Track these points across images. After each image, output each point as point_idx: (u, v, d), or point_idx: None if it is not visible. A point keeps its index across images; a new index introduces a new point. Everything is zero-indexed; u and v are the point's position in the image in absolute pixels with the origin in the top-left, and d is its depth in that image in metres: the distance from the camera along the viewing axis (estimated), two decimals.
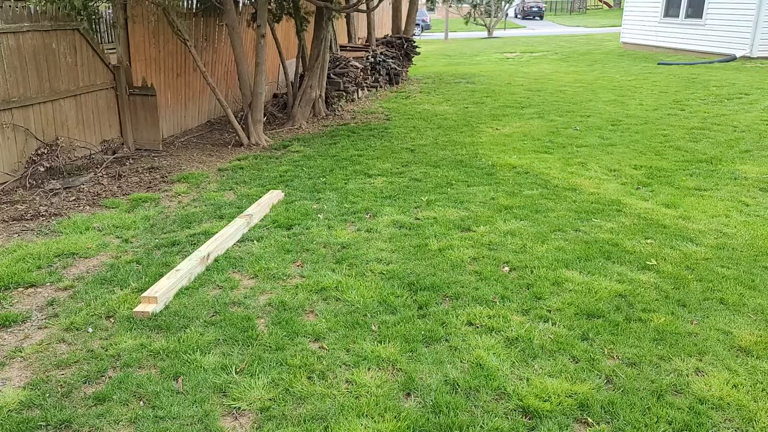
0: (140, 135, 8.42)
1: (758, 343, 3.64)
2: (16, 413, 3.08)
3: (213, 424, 2.99)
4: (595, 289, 4.27)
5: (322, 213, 5.93)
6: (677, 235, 5.27)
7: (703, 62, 17.37)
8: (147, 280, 4.45)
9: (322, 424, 2.97)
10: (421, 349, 3.57)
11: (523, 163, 7.60)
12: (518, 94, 13.17)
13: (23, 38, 6.69)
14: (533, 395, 3.15)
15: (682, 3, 19.33)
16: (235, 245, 5.15)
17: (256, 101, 8.90)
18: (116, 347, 3.63)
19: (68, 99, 7.40)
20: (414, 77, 16.44)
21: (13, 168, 6.73)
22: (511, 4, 35.48)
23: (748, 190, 6.50)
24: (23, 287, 4.44)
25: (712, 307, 4.07)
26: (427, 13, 38.25)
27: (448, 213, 5.85)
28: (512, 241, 5.14)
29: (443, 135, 9.35)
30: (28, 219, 5.77)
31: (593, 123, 9.98)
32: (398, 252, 4.97)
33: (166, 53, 8.91)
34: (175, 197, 6.56)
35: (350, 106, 11.90)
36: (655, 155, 7.94)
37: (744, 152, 7.98)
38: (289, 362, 3.46)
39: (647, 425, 2.96)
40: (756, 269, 4.63)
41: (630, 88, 13.58)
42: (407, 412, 3.04)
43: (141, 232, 5.52)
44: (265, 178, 7.20)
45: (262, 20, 8.73)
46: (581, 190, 6.55)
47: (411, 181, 6.97)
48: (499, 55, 22.51)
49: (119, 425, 3.00)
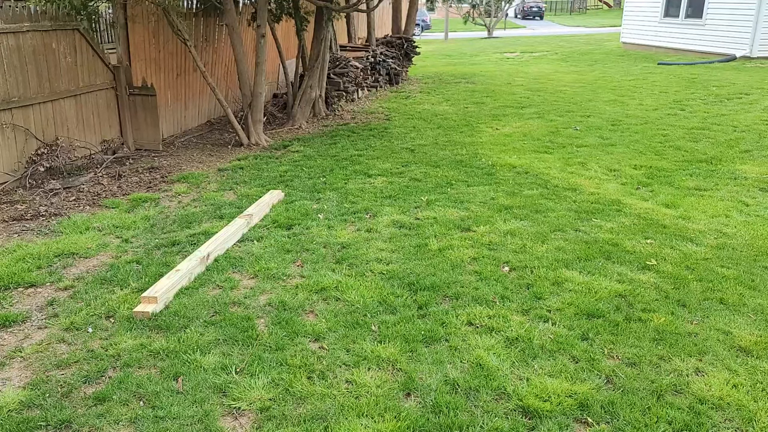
0: (140, 135, 8.42)
1: (758, 343, 3.64)
2: (16, 413, 3.08)
3: (213, 424, 2.99)
4: (595, 289, 4.27)
5: (322, 213, 5.93)
6: (677, 235, 5.27)
7: (703, 62, 17.37)
8: (147, 280, 4.45)
9: (322, 424, 2.97)
10: (421, 349, 3.57)
11: (523, 163, 7.60)
12: (518, 94, 13.17)
13: (23, 38, 6.69)
14: (533, 395, 3.15)
15: (682, 3, 19.33)
16: (235, 245, 5.15)
17: (256, 101, 8.90)
18: (116, 347, 3.64)
19: (68, 99, 7.40)
20: (414, 77, 16.44)
21: (13, 168, 6.73)
22: (511, 4, 35.48)
23: (748, 190, 6.50)
24: (23, 287, 4.44)
25: (712, 307, 4.07)
26: (427, 13, 38.23)
27: (448, 213, 5.85)
28: (512, 241, 5.14)
29: (443, 135, 9.35)
30: (28, 219, 5.77)
31: (593, 123, 9.98)
32: (398, 252, 4.97)
33: (166, 53, 8.91)
34: (175, 197, 6.56)
35: (350, 106, 11.90)
36: (655, 155, 7.94)
37: (744, 152, 7.98)
38: (289, 362, 3.46)
39: (647, 425, 2.96)
40: (756, 269, 4.63)
41: (630, 88, 13.58)
42: (407, 412, 3.04)
43: (141, 232, 5.52)
44: (265, 178, 7.20)
45: (262, 20, 8.73)
46: (581, 190, 6.55)
47: (411, 181, 6.97)
48: (499, 55, 22.51)
49: (119, 425, 3.00)
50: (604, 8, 55.62)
